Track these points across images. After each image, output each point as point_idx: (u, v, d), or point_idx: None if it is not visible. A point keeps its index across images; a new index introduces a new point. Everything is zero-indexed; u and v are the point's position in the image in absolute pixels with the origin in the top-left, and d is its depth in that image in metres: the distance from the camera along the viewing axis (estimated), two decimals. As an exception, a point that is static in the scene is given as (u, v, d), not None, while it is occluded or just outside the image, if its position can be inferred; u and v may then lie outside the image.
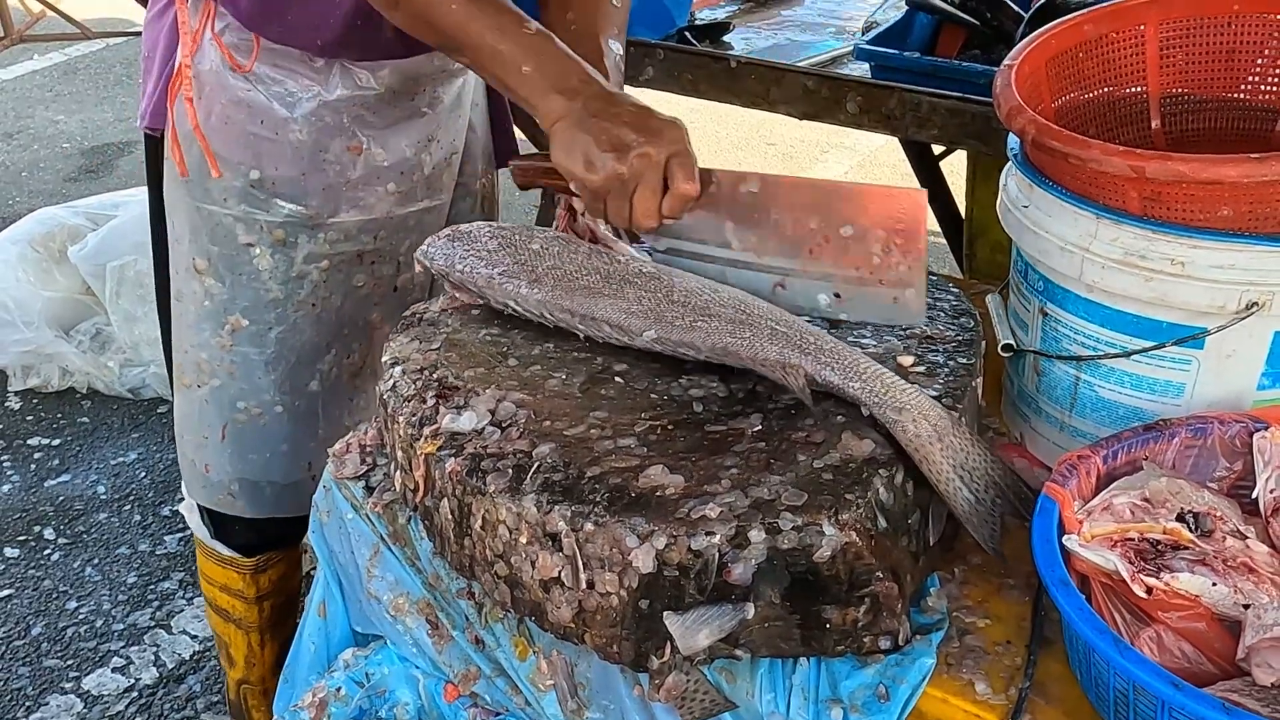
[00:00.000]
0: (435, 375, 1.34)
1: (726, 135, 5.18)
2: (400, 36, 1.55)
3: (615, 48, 1.56)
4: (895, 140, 2.57)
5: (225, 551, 1.95)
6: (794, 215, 1.36)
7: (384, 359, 1.41)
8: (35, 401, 3.46)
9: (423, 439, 1.26)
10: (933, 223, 2.96)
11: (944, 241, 2.91)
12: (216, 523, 1.92)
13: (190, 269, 1.71)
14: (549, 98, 1.36)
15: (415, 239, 1.70)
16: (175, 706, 2.47)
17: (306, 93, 1.62)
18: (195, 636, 2.63)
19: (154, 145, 1.75)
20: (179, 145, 1.67)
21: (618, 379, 1.33)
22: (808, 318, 1.34)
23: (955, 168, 2.74)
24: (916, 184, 2.81)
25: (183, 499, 1.97)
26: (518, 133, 1.96)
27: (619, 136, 1.32)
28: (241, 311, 1.70)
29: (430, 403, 1.30)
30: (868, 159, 4.99)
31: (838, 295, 1.36)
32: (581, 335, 1.36)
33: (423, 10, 1.41)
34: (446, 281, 1.45)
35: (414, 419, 1.28)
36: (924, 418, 1.17)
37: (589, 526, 1.12)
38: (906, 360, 1.30)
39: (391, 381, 1.36)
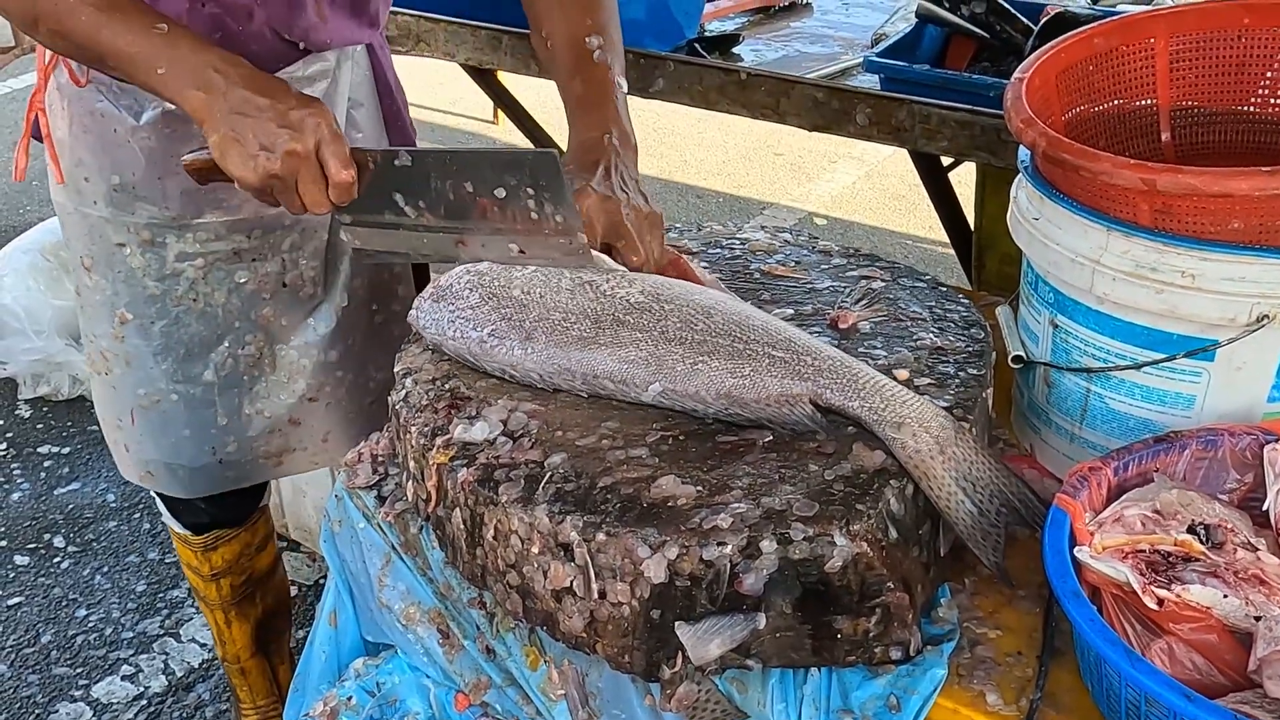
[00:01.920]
0: (447, 386, 1.35)
1: (734, 145, 5.19)
2: None
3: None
4: (903, 151, 2.57)
5: (179, 529, 2.01)
6: (450, 183, 1.37)
7: (396, 369, 1.41)
8: (45, 410, 3.47)
9: (435, 449, 1.26)
10: (941, 234, 2.96)
11: (952, 253, 2.90)
12: (165, 500, 1.97)
13: (81, 265, 1.75)
14: (188, 95, 1.35)
15: (296, 237, 1.70)
16: (184, 715, 2.47)
17: (150, 101, 1.61)
18: (204, 645, 2.63)
19: None
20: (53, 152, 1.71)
21: (629, 389, 1.33)
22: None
23: (964, 179, 2.74)
24: (925, 195, 2.81)
25: None
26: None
27: (264, 134, 1.32)
28: (125, 306, 1.72)
29: (442, 413, 1.31)
30: (875, 169, 4.99)
31: (521, 250, 1.38)
32: (585, 395, 1.33)
33: (56, 25, 1.40)
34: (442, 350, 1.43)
35: (426, 429, 1.29)
36: (925, 430, 1.17)
37: (601, 536, 1.12)
38: (902, 374, 1.30)
39: (404, 392, 1.36)
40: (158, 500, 2.00)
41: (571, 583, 1.15)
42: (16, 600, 2.78)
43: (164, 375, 1.75)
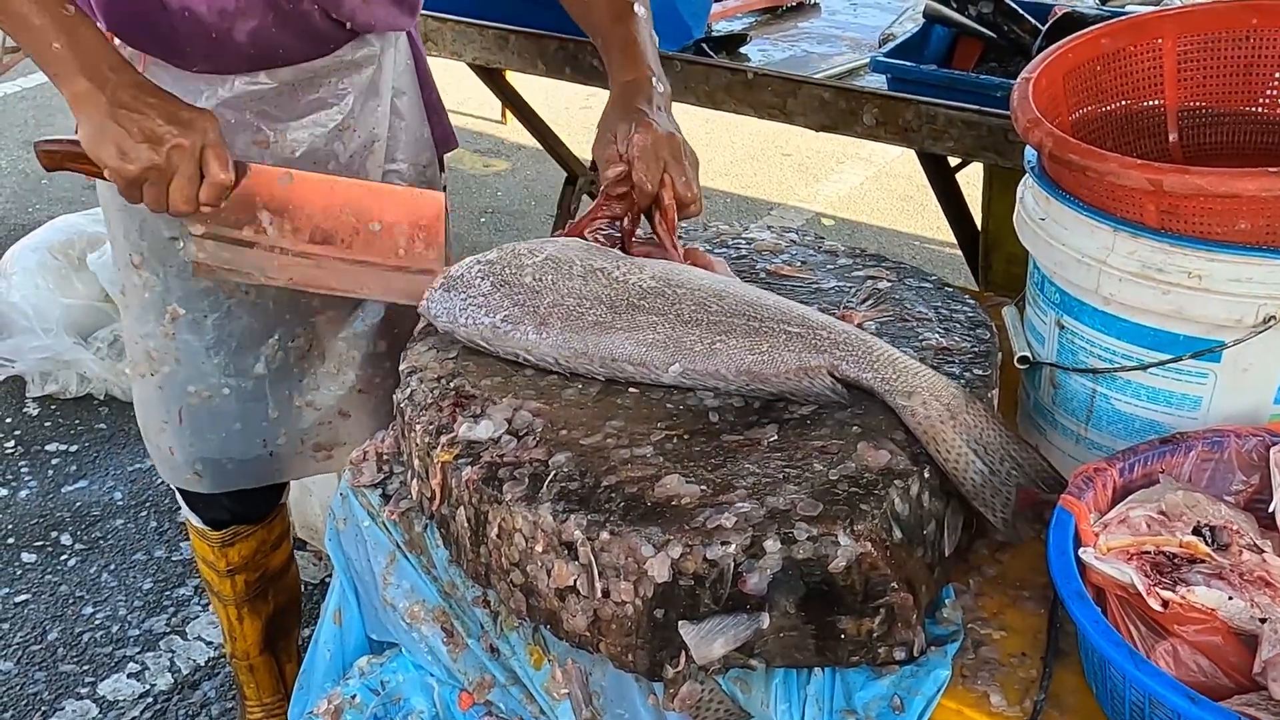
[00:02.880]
0: (452, 384, 1.35)
1: (741, 145, 5.19)
2: (254, 48, 1.59)
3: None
4: (911, 152, 2.57)
5: (197, 524, 2.02)
6: (327, 210, 1.49)
7: (401, 367, 1.42)
8: (53, 408, 3.48)
9: (440, 447, 1.26)
10: (949, 235, 2.96)
11: (960, 253, 2.90)
12: (185, 497, 1.99)
13: (129, 263, 1.75)
14: (75, 79, 1.38)
15: None
16: (190, 713, 2.47)
17: (205, 91, 1.63)
18: (210, 643, 2.63)
19: None
20: None
21: (633, 388, 1.33)
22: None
23: (972, 180, 2.73)
24: (932, 195, 2.81)
25: None
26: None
27: (151, 128, 1.37)
28: (178, 301, 1.74)
29: (447, 411, 1.31)
30: (883, 170, 4.99)
31: (367, 286, 1.52)
32: (603, 378, 1.34)
33: None
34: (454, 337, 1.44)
35: (431, 427, 1.29)
36: (936, 399, 1.19)
37: (605, 535, 1.12)
38: None
39: (409, 390, 1.36)
40: (178, 494, 2.01)
41: (575, 581, 1.15)
42: (24, 598, 2.79)
43: (216, 370, 1.77)
